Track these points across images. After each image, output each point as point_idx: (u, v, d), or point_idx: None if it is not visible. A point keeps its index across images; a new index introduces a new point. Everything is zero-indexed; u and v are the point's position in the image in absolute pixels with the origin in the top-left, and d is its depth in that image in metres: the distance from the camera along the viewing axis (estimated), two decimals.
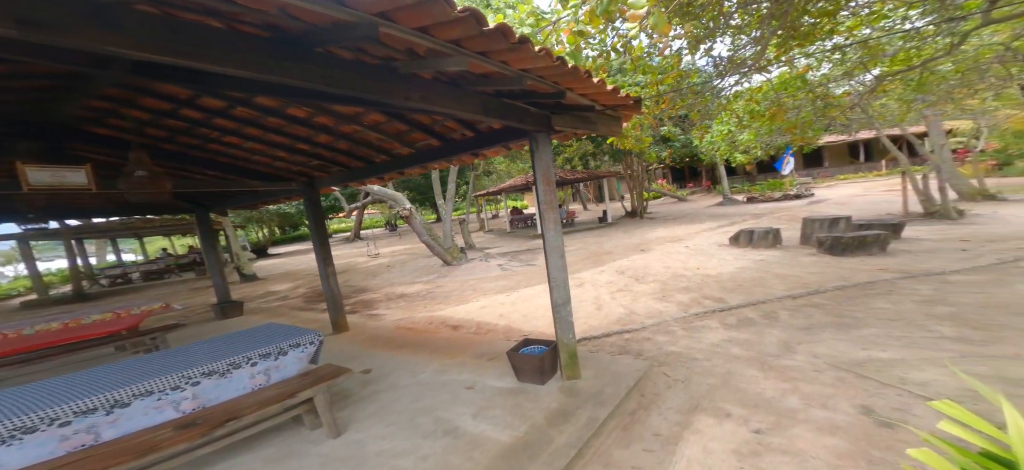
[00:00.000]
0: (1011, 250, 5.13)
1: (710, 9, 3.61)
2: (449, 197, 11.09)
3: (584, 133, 2.93)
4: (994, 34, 5.16)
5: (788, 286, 4.86)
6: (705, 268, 6.44)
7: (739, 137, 7.85)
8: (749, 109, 5.52)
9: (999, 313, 3.24)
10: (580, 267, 8.32)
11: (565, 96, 2.12)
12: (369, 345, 4.56)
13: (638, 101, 2.51)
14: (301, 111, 2.73)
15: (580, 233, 14.77)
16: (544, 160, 2.66)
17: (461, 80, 2.05)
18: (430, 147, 3.43)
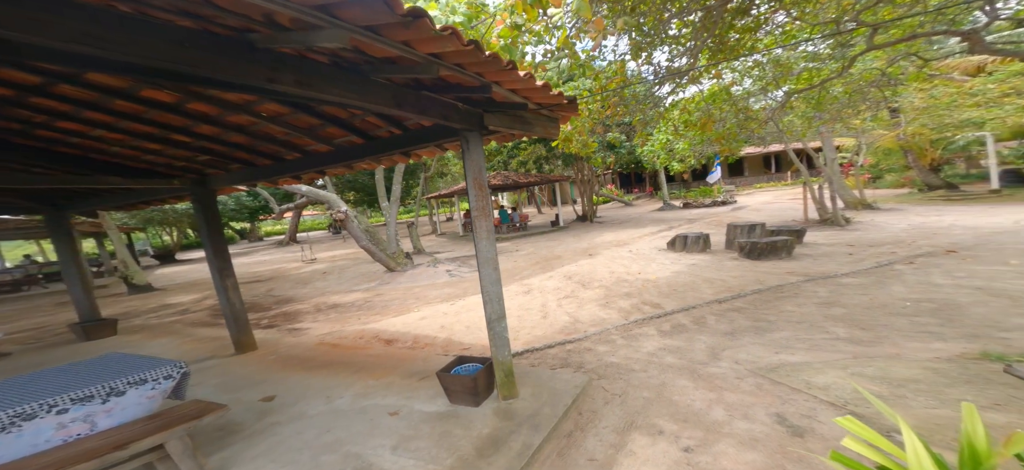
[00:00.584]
0: (886, 254, 6.06)
1: (650, 18, 3.71)
2: (394, 199, 10.43)
3: (521, 134, 2.77)
4: (874, 60, 6.09)
5: (715, 290, 5.21)
6: (646, 273, 6.73)
7: (676, 146, 8.41)
8: (684, 119, 5.87)
9: (880, 314, 3.72)
10: (531, 273, 8.27)
11: (492, 91, 1.91)
12: (280, 367, 3.97)
13: (573, 101, 2.39)
14: (165, 95, 2.20)
15: (533, 237, 14.87)
16: (476, 162, 2.43)
17: (363, 65, 1.75)
18: (352, 144, 3.02)
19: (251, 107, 2.40)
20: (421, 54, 1.50)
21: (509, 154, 18.29)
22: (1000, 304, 3.48)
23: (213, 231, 4.08)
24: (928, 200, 12.19)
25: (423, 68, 1.57)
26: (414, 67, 1.60)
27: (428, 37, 1.35)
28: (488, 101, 2.25)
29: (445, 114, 2.16)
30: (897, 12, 4.00)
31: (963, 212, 9.35)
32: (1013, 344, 2.72)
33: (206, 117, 2.51)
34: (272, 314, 7.02)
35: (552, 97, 2.20)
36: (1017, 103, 9.31)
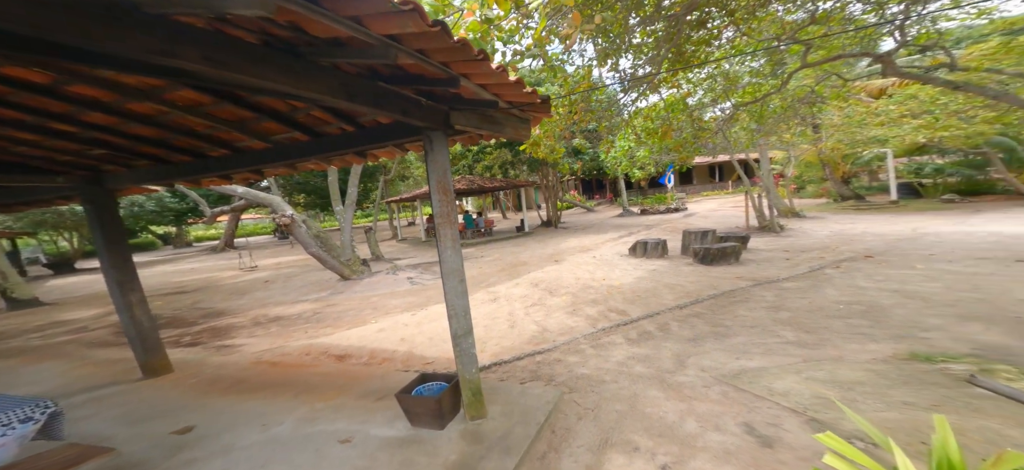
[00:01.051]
0: (816, 259, 6.72)
1: (616, 25, 3.75)
2: (349, 202, 9.71)
3: (490, 136, 2.58)
4: (805, 78, 6.81)
5: (676, 296, 5.40)
6: (610, 279, 6.85)
7: (637, 153, 8.76)
8: (645, 127, 6.08)
9: (819, 316, 4.04)
10: (497, 280, 8.08)
11: (459, 85, 1.71)
12: (202, 391, 3.40)
13: (546, 100, 2.24)
14: (35, 74, 1.72)
15: (499, 243, 14.70)
16: (440, 164, 2.20)
17: (304, 47, 1.46)
18: (295, 142, 2.63)
19: (159, 93, 1.96)
20: (375, 35, 1.26)
21: (475, 158, 18.02)
22: (915, 305, 3.93)
23: (110, 238, 3.38)
24: (842, 209, 13.91)
25: (378, 53, 1.32)
26: (367, 51, 1.35)
27: (383, 12, 1.12)
28: (455, 98, 2.04)
29: (405, 110, 1.90)
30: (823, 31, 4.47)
31: (871, 221, 10.75)
32: (934, 343, 3.05)
33: (97, 103, 2.01)
34: (197, 330, 6.13)
35: (525, 95, 2.04)
36: (913, 123, 10.95)
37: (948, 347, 2.97)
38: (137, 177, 3.18)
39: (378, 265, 10.58)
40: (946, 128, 10.59)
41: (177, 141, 2.62)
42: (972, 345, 2.94)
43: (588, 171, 23.73)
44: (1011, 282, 4.31)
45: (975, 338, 3.05)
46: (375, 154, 2.97)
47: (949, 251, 6.16)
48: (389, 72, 1.70)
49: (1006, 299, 3.79)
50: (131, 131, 2.41)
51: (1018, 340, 2.90)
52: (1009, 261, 5.24)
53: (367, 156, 2.95)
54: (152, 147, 2.71)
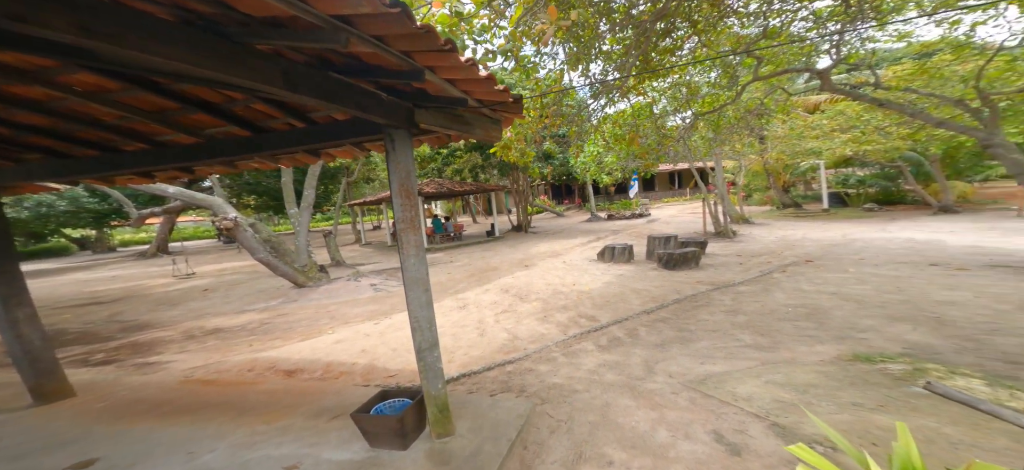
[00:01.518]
0: (764, 263, 7.24)
1: (588, 30, 3.78)
2: (305, 205, 9.02)
3: (458, 136, 2.43)
4: (756, 90, 7.35)
5: (642, 301, 5.54)
6: (580, 284, 6.91)
7: (605, 159, 8.99)
8: (614, 133, 6.23)
9: (771, 319, 4.30)
10: (466, 286, 7.86)
11: (424, 78, 1.55)
12: (115, 417, 2.92)
13: (518, 100, 2.12)
14: None
15: (468, 247, 14.43)
16: (403, 166, 2.01)
17: (234, 26, 1.24)
18: (232, 137, 2.31)
19: (49, 75, 1.60)
20: (322, 14, 1.08)
21: (444, 161, 17.63)
22: (851, 307, 4.31)
23: None
24: (783, 216, 15.24)
25: (327, 36, 1.14)
26: (314, 34, 1.16)
27: None
28: (420, 93, 1.88)
29: (362, 105, 1.69)
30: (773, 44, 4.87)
31: (808, 227, 11.86)
32: (871, 344, 3.32)
33: None
34: (112, 346, 5.33)
35: (497, 93, 1.91)
36: (842, 137, 12.23)
37: (883, 347, 3.24)
38: (28, 173, 2.64)
39: (338, 271, 9.94)
40: (869, 142, 11.96)
41: (81, 133, 2.19)
42: (903, 344, 3.24)
43: (558, 176, 24.14)
44: (927, 284, 4.87)
45: (904, 338, 3.37)
46: (331, 154, 2.70)
47: (875, 256, 6.89)
48: (343, 62, 1.51)
49: (925, 300, 4.26)
50: (16, 119, 1.97)
51: (940, 339, 3.24)
52: (923, 265, 5.94)
53: (321, 156, 2.67)
54: (46, 138, 2.25)
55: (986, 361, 2.75)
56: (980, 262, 5.78)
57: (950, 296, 4.31)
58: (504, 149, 5.20)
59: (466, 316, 5.74)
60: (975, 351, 2.93)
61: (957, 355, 2.91)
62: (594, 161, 9.75)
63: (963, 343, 3.11)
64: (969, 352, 2.93)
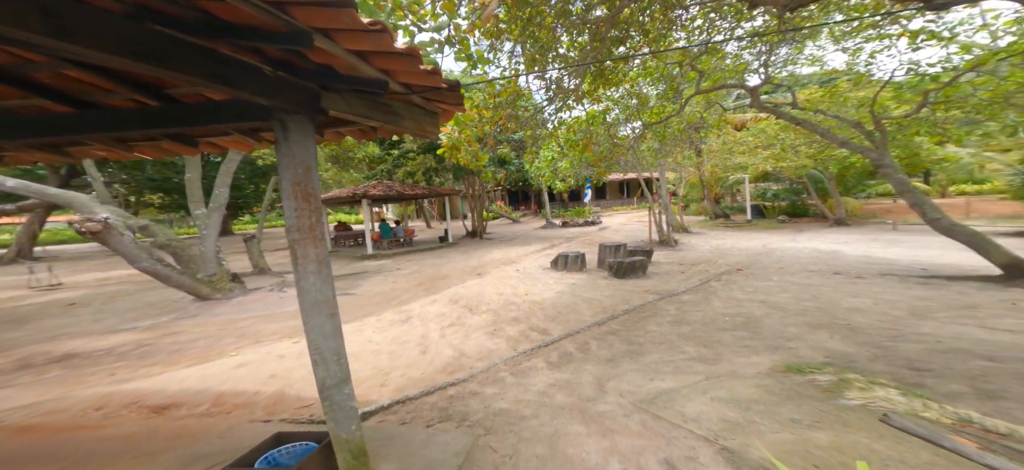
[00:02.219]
0: (702, 272, 7.69)
1: (544, 31, 3.60)
2: (215, 205, 7.74)
3: (386, 129, 2.02)
4: (696, 104, 7.87)
5: (593, 312, 5.49)
6: (533, 294, 6.73)
7: (560, 165, 9.01)
8: (568, 139, 6.18)
9: (712, 329, 4.45)
10: (412, 296, 7.28)
11: (312, 44, 1.18)
12: None
13: (455, 87, 1.78)
14: None
15: (419, 253, 13.65)
16: (300, 160, 1.57)
17: None
18: (43, 112, 1.65)
19: None
20: None
21: (395, 162, 16.62)
22: (778, 316, 4.62)
23: None
24: (715, 226, 16.73)
25: None
26: None
27: None
28: (327, 71, 1.47)
29: (227, 78, 1.25)
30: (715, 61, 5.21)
31: (736, 237, 13.06)
32: (798, 353, 3.52)
33: None
34: None
35: (424, 75, 1.55)
36: (763, 153, 13.70)
37: (809, 356, 3.44)
38: None
39: (261, 280, 8.70)
40: (784, 159, 13.55)
41: None
42: (825, 353, 3.47)
43: (514, 182, 24.14)
44: (834, 292, 5.43)
45: (825, 345, 3.63)
46: (215, 144, 2.12)
47: (790, 264, 7.66)
48: (177, 12, 1.06)
49: (836, 308, 4.71)
50: None
51: (854, 347, 3.53)
52: (829, 273, 6.69)
53: (201, 145, 2.09)
54: None
55: (895, 369, 3.00)
56: (872, 270, 6.66)
57: (855, 303, 4.83)
58: (453, 150, 4.83)
59: (408, 331, 5.23)
60: (884, 358, 3.21)
61: (871, 362, 3.16)
62: (549, 166, 9.75)
63: (874, 351, 3.40)
64: (880, 360, 3.20)
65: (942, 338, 3.49)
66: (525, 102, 5.92)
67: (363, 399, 3.42)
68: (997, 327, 3.59)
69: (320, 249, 1.61)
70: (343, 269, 11.22)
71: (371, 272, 10.33)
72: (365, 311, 6.45)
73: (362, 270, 10.74)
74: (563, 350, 4.22)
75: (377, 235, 14.38)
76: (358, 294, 7.72)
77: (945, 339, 3.49)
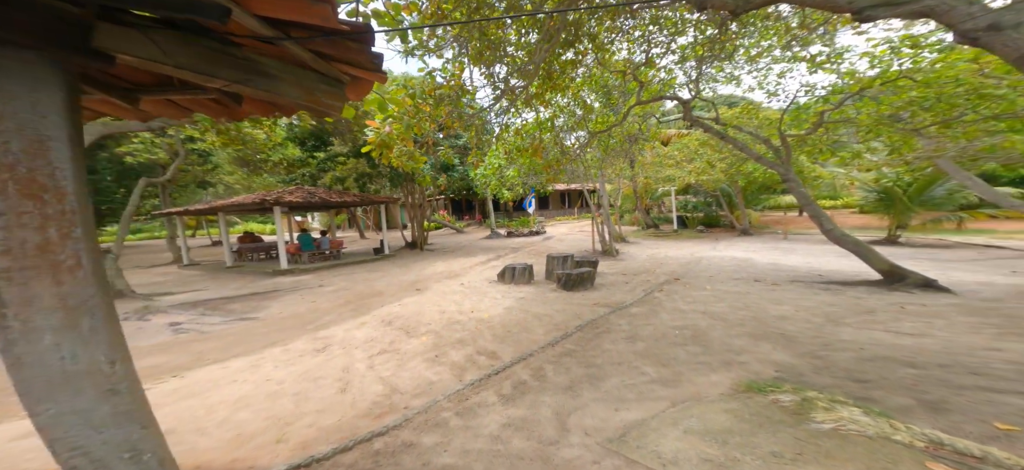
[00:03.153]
0: (644, 282, 7.88)
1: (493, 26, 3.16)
2: None
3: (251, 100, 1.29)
4: (635, 114, 8.18)
5: (545, 329, 5.10)
6: (479, 310, 6.12)
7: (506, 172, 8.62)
8: (516, 143, 5.81)
9: (665, 345, 4.33)
10: (335, 318, 6.13)
11: None
12: None
13: (364, 36, 1.15)
14: None
15: (349, 267, 12.05)
16: (26, 121, 0.78)
17: None
18: None
19: None
20: None
21: (320, 166, 14.61)
22: (721, 327, 4.72)
23: None
24: (647, 235, 17.98)
25: None
26: None
27: None
28: None
29: None
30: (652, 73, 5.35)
31: (667, 246, 14.08)
32: (751, 368, 3.50)
33: None
34: None
35: (302, 7, 0.92)
36: (688, 167, 15.08)
37: (761, 370, 3.43)
38: None
39: (119, 306, 6.66)
40: (705, 172, 15.07)
41: None
42: (774, 366, 3.49)
43: (458, 190, 23.24)
44: (761, 300, 5.83)
45: (771, 358, 3.69)
46: None
47: (718, 273, 8.26)
48: None
49: (767, 316, 4.99)
50: None
51: (796, 358, 3.63)
52: (750, 280, 7.30)
53: None
54: None
55: (841, 382, 3.08)
56: (782, 277, 7.44)
57: (780, 311, 5.18)
58: (383, 148, 4.07)
59: (325, 363, 4.26)
60: (827, 370, 3.31)
61: (817, 375, 3.22)
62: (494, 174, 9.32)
63: (815, 361, 3.52)
64: (824, 372, 3.29)
65: (863, 345, 3.79)
66: (470, 99, 5.41)
67: (243, 467, 2.49)
68: (900, 330, 4.04)
69: (68, 286, 0.83)
70: (245, 288, 9.30)
71: (285, 291, 8.69)
72: (268, 340, 5.20)
73: (273, 288, 9.00)
74: (516, 378, 3.70)
75: (295, 247, 12.40)
76: (261, 319, 6.29)
77: (866, 346, 3.78)
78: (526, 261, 10.87)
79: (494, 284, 8.14)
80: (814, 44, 5.85)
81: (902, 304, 4.86)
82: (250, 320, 6.26)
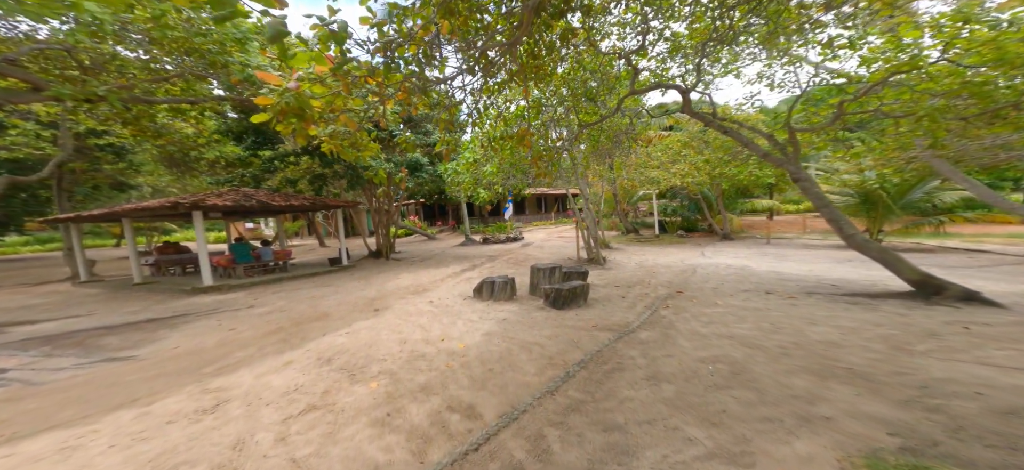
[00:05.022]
0: (642, 296, 6.85)
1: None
2: None
3: None
4: (627, 109, 7.30)
5: (538, 366, 3.88)
6: (451, 338, 4.80)
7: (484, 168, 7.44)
8: (500, 130, 4.64)
9: (701, 389, 3.24)
10: (249, 355, 4.55)
11: None
12: None
13: None
14: None
15: (296, 282, 10.22)
16: None
17: None
18: None
19: None
20: None
21: (266, 167, 12.59)
22: (763, 359, 3.71)
23: None
24: (629, 241, 17.30)
25: None
26: None
27: None
28: None
29: None
30: None
31: (653, 252, 13.34)
32: (845, 427, 2.47)
33: None
34: None
35: None
36: (673, 169, 14.50)
37: (866, 434, 2.41)
38: None
39: None
40: (689, 175, 14.57)
41: None
42: (885, 426, 2.49)
43: (429, 194, 21.61)
44: (787, 319, 4.90)
45: (866, 411, 2.69)
46: None
47: (720, 284, 7.41)
48: None
49: (812, 342, 4.04)
50: None
51: (905, 412, 2.64)
52: (761, 293, 6.48)
53: None
54: None
55: (1005, 455, 2.08)
56: (792, 288, 6.69)
57: (821, 334, 4.27)
58: (297, 121, 2.72)
59: (205, 435, 2.81)
60: (967, 434, 2.32)
61: (960, 444, 2.24)
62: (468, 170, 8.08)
63: (934, 418, 2.56)
64: (964, 436, 2.30)
65: (969, 385, 2.89)
66: (439, 72, 4.20)
67: None
68: (996, 363, 3.20)
69: None
70: (144, 312, 7.34)
71: (198, 315, 6.86)
72: (128, 395, 3.60)
73: (184, 312, 7.13)
74: (507, 455, 2.46)
75: (228, 259, 10.42)
76: (140, 358, 4.58)
77: (963, 384, 2.89)
78: (506, 272, 9.63)
79: (470, 301, 6.83)
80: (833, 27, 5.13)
81: (964, 324, 4.12)
82: (122, 361, 4.55)
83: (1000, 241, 12.00)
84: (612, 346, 4.33)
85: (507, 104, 5.03)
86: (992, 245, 11.17)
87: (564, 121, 6.40)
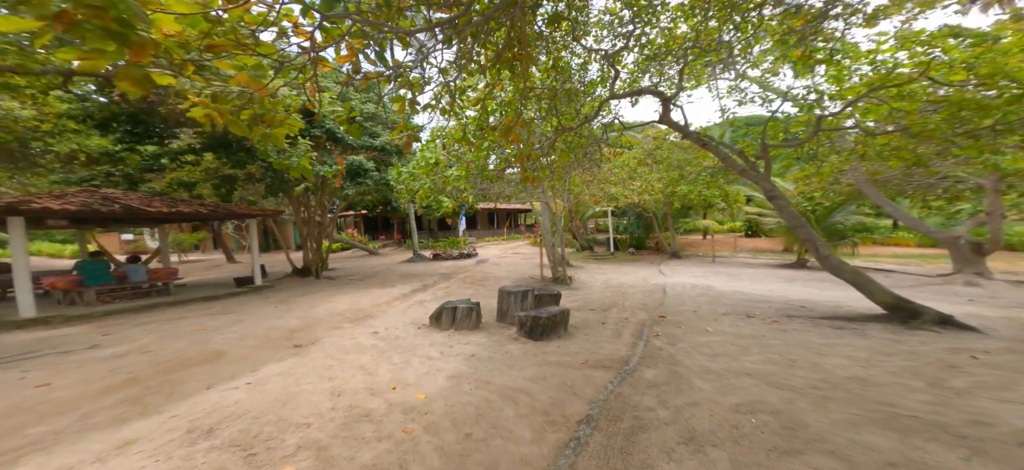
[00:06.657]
0: (624, 321, 6.10)
1: None
2: None
3: None
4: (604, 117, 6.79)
5: (532, 428, 2.77)
6: (405, 384, 3.45)
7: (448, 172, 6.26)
8: (482, 120, 3.57)
9: (756, 453, 2.47)
10: (56, 433, 2.65)
11: None
12: None
13: None
14: None
15: (179, 308, 7.73)
16: None
17: None
18: None
19: None
20: None
21: (149, 164, 9.63)
22: (803, 404, 3.09)
23: None
24: (586, 258, 17.07)
25: None
26: None
27: None
28: None
29: None
30: None
31: (614, 271, 13.09)
32: None
33: None
34: None
35: None
36: (633, 185, 14.55)
37: None
38: None
39: None
40: (646, 192, 14.77)
41: None
42: None
43: (372, 204, 19.34)
44: (789, 348, 4.47)
45: None
46: None
47: (698, 307, 7.01)
48: None
49: (841, 379, 3.55)
50: None
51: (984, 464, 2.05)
52: (741, 316, 6.15)
53: None
54: None
55: None
56: (768, 311, 6.47)
57: (841, 368, 3.82)
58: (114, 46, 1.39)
59: None
60: None
61: None
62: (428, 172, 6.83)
63: None
64: None
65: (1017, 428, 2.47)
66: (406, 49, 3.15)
67: None
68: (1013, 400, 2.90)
69: None
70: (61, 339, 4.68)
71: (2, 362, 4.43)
72: None
73: None
74: None
75: (72, 281, 7.58)
76: None
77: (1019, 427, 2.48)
78: (466, 294, 8.39)
79: (426, 331, 5.47)
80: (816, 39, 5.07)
81: (966, 352, 3.98)
82: None
83: (890, 261, 13.93)
84: (617, 392, 3.41)
85: (489, 90, 4.00)
86: (889, 265, 12.86)
87: (544, 125, 5.62)
